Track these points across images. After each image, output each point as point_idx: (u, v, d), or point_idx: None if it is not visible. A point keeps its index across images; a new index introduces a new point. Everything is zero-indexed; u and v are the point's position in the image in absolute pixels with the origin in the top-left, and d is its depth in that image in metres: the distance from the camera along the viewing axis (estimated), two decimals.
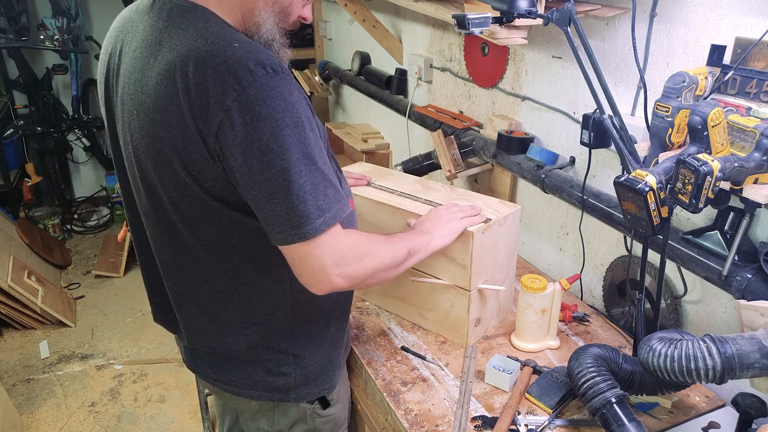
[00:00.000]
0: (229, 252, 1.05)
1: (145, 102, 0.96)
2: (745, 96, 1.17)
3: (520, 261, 1.90)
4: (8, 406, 2.37)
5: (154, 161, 0.99)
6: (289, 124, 0.90)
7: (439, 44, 2.31)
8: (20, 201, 4.19)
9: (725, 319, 1.34)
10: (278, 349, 1.15)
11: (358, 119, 3.30)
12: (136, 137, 1.00)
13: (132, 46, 1.01)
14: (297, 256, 0.97)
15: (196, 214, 1.01)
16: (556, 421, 1.22)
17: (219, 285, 1.09)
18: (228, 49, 0.90)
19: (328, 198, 0.95)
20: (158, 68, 0.93)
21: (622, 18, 1.46)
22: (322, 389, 1.22)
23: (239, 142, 0.89)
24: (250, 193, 0.93)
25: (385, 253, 1.08)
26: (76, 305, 3.45)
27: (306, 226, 0.93)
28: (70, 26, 3.96)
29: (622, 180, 1.04)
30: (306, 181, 0.92)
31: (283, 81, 0.91)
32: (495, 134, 1.89)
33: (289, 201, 0.92)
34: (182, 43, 0.92)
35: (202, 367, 1.21)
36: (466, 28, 1.29)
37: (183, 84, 0.90)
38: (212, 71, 0.88)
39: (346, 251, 1.00)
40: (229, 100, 0.87)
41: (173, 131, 0.93)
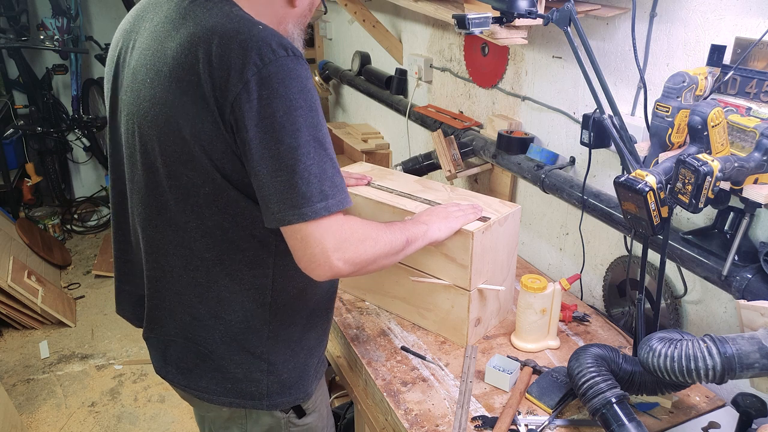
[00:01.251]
0: (218, 237, 1.05)
1: (161, 70, 0.98)
2: (745, 96, 1.17)
3: (520, 261, 1.90)
4: (8, 406, 2.37)
5: (161, 131, 0.99)
6: (303, 106, 0.92)
7: (439, 44, 2.31)
8: (20, 201, 4.19)
9: (725, 319, 1.34)
10: (252, 352, 1.12)
11: (358, 119, 3.30)
12: (145, 106, 1.01)
13: (153, 23, 1.03)
14: (299, 236, 0.96)
15: (194, 190, 1.01)
16: (556, 421, 1.22)
17: (200, 274, 1.08)
18: (253, 28, 0.93)
19: (334, 185, 0.96)
20: (179, 39, 0.96)
21: (622, 18, 1.46)
22: (297, 398, 1.18)
23: (254, 114, 0.91)
24: (256, 167, 0.94)
25: (384, 239, 1.09)
26: (76, 305, 3.45)
27: (305, 207, 0.94)
28: (70, 26, 3.96)
29: (622, 180, 1.04)
30: (313, 163, 0.93)
31: (301, 66, 0.94)
32: (495, 134, 1.89)
33: (293, 180, 0.93)
34: (207, 19, 0.96)
35: (172, 373, 1.19)
36: (466, 28, 1.29)
37: (205, 55, 0.92)
38: (236, 45, 0.91)
39: (348, 235, 1.00)
40: (250, 74, 0.90)
41: (188, 99, 0.95)
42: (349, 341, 1.49)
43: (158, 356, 1.22)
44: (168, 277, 1.11)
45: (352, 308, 1.63)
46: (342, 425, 2.06)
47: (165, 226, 1.07)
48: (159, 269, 1.12)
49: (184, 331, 1.13)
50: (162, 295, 1.13)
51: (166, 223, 1.07)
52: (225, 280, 1.08)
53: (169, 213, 1.05)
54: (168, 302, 1.13)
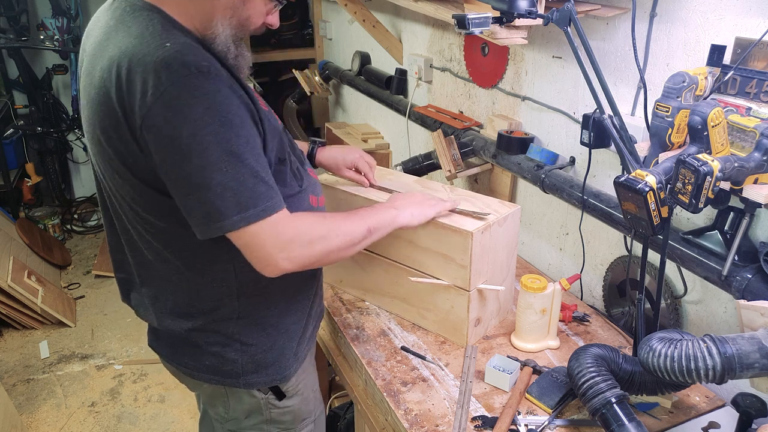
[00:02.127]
0: (173, 238, 1.09)
1: (91, 93, 1.01)
2: (745, 96, 1.17)
3: (520, 261, 1.90)
4: (8, 406, 2.37)
5: (99, 150, 1.05)
6: (210, 122, 0.93)
7: (439, 44, 2.31)
8: (20, 201, 4.19)
9: (725, 319, 1.34)
10: (225, 334, 1.16)
11: (358, 119, 3.30)
12: (88, 127, 1.06)
13: (92, 42, 1.06)
14: (240, 242, 1.01)
15: (136, 198, 1.05)
16: (556, 421, 1.22)
17: (169, 267, 1.13)
18: (159, 49, 0.93)
19: (255, 194, 0.98)
20: (103, 63, 0.99)
21: (622, 18, 1.46)
22: (274, 379, 1.22)
23: (160, 138, 0.93)
24: (171, 188, 0.98)
25: (340, 233, 1.11)
26: (76, 305, 3.45)
27: (223, 220, 0.97)
28: (70, 26, 3.95)
29: (622, 180, 1.04)
30: (228, 179, 0.95)
31: (208, 81, 0.93)
32: (495, 134, 1.89)
33: (207, 196, 0.95)
34: (124, 41, 0.97)
35: (161, 346, 1.25)
36: (466, 28, 1.29)
37: (117, 81, 0.95)
38: (141, 69, 0.93)
39: (292, 236, 1.03)
40: (153, 98, 0.91)
41: (109, 124, 0.98)
42: (349, 341, 1.49)
43: (151, 331, 1.28)
44: (144, 271, 1.18)
45: (352, 308, 1.63)
46: (342, 425, 2.06)
47: (131, 226, 1.12)
48: (138, 264, 1.18)
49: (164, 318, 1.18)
50: (143, 285, 1.20)
51: (131, 224, 1.12)
52: (189, 273, 1.12)
53: (128, 216, 1.11)
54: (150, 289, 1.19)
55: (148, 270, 1.17)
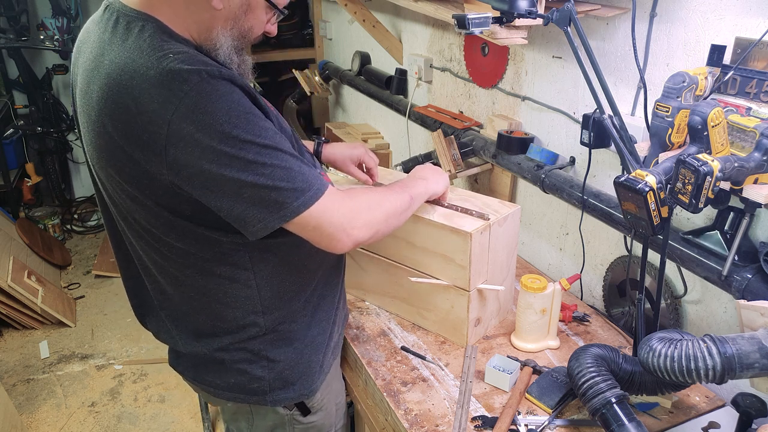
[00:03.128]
0: (189, 260, 1.05)
1: (91, 115, 0.96)
2: (745, 96, 1.17)
3: (520, 261, 1.90)
4: (8, 406, 2.37)
5: (105, 174, 1.00)
6: (237, 122, 0.90)
7: (439, 44, 2.31)
8: (20, 201, 4.19)
9: (725, 319, 1.34)
10: (252, 351, 1.14)
11: (358, 119, 3.30)
12: (90, 149, 1.01)
13: (85, 57, 1.01)
14: (309, 227, 0.97)
15: (151, 222, 1.01)
16: (556, 421, 1.22)
17: (187, 289, 1.09)
18: (162, 60, 0.89)
19: (305, 176, 0.96)
20: (100, 82, 0.93)
21: (622, 18, 1.46)
22: (301, 394, 1.20)
23: (191, 150, 0.89)
24: (216, 197, 0.93)
25: (389, 199, 1.11)
26: (76, 305, 3.45)
27: (283, 209, 0.94)
28: (70, 26, 3.95)
29: (622, 180, 1.04)
30: (275, 169, 0.92)
31: (221, 83, 0.90)
32: (495, 134, 1.89)
33: (261, 192, 0.92)
34: (120, 55, 0.92)
35: (184, 366, 1.23)
36: (466, 28, 1.29)
37: (122, 100, 0.90)
38: (148, 85, 0.88)
39: (354, 205, 1.02)
40: (169, 113, 0.87)
41: (116, 145, 0.93)
42: (349, 341, 1.49)
43: (172, 353, 1.25)
44: (163, 294, 1.13)
45: (352, 308, 1.63)
46: None
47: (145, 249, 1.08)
48: (154, 284, 1.14)
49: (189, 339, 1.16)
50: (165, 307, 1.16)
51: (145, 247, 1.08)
52: (211, 293, 1.09)
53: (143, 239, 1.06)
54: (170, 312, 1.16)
55: (165, 294, 1.13)
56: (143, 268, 1.14)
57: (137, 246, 1.09)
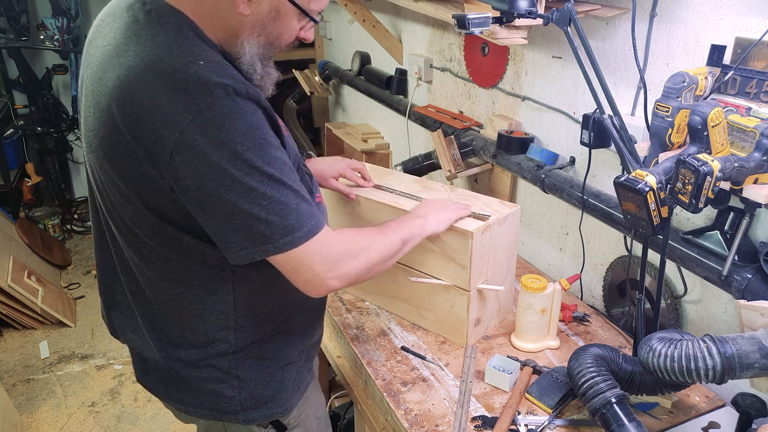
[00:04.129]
0: (170, 266, 1.02)
1: (101, 103, 0.93)
2: (745, 96, 1.17)
3: (520, 261, 1.90)
4: (8, 406, 2.37)
5: (101, 164, 0.97)
6: (250, 147, 0.88)
7: (439, 44, 2.31)
8: (20, 201, 4.19)
9: (725, 319, 1.34)
10: (221, 369, 1.09)
11: (358, 119, 3.30)
12: (90, 136, 0.97)
13: (105, 40, 0.97)
14: (288, 267, 0.96)
15: (137, 222, 0.98)
16: (556, 421, 1.22)
17: (163, 294, 1.05)
18: (191, 65, 0.87)
19: (299, 215, 0.93)
20: (119, 72, 0.90)
21: (622, 18, 1.46)
22: (275, 412, 1.14)
23: (196, 164, 0.87)
24: (207, 214, 0.91)
25: (378, 246, 1.08)
26: (76, 305, 3.45)
27: (266, 244, 0.92)
28: (70, 26, 3.95)
29: (622, 180, 1.04)
30: (271, 202, 0.90)
31: (245, 103, 0.88)
32: (495, 134, 1.89)
33: (250, 222, 0.90)
34: (149, 50, 0.89)
35: (152, 383, 1.18)
36: (466, 28, 1.29)
37: (140, 95, 0.87)
38: (171, 88, 0.86)
39: (339, 254, 0.99)
40: (185, 121, 0.85)
41: (121, 139, 0.90)
42: (349, 341, 1.49)
43: (138, 364, 1.21)
44: (138, 294, 1.09)
45: (352, 308, 1.63)
46: (342, 425, 2.06)
47: (125, 249, 1.05)
48: (132, 283, 1.10)
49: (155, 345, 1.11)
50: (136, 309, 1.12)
51: (125, 246, 1.05)
52: (185, 303, 1.05)
53: (124, 238, 1.03)
54: (140, 318, 1.11)
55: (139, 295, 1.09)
56: (121, 264, 1.09)
57: (120, 242, 1.05)
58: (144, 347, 1.14)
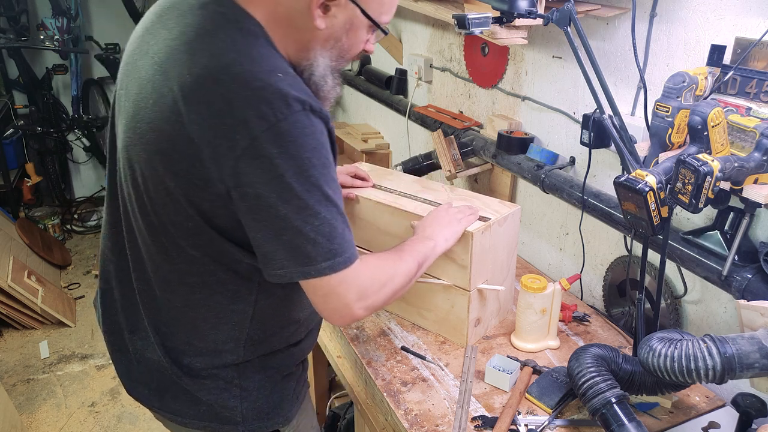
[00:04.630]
0: (199, 268, 1.01)
1: (166, 96, 0.91)
2: (745, 96, 1.17)
3: (520, 261, 1.90)
4: (8, 406, 2.37)
5: (150, 158, 0.94)
6: (316, 164, 0.88)
7: (439, 44, 2.31)
8: (20, 201, 4.19)
9: (725, 319, 1.34)
10: (223, 379, 1.08)
11: (358, 119, 3.30)
12: (142, 127, 0.95)
13: (172, 34, 0.94)
14: (320, 293, 0.95)
15: (177, 222, 0.97)
16: (556, 421, 1.22)
17: (177, 297, 1.04)
18: (271, 75, 0.87)
19: (344, 240, 0.93)
20: (192, 69, 0.89)
21: (622, 18, 1.46)
22: (276, 422, 1.13)
23: (261, 173, 0.86)
24: (258, 225, 0.90)
25: (400, 274, 1.07)
26: (76, 305, 3.45)
27: (308, 266, 0.91)
28: (70, 26, 3.95)
29: (622, 180, 1.04)
30: (322, 223, 0.90)
31: (317, 120, 0.89)
32: (495, 134, 1.89)
33: (298, 241, 0.89)
34: (226, 53, 0.88)
35: (144, 394, 1.14)
36: (466, 28, 1.29)
37: (213, 97, 0.86)
38: (249, 93, 0.85)
39: (369, 284, 0.98)
40: (259, 129, 0.84)
41: (185, 138, 0.89)
42: (349, 341, 1.49)
43: (127, 375, 1.17)
44: (150, 293, 1.08)
45: None
46: (342, 425, 2.06)
47: (149, 246, 1.03)
48: (144, 283, 1.08)
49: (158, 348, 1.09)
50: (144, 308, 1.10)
51: (151, 244, 1.03)
52: (202, 310, 1.04)
53: (154, 236, 1.01)
54: (147, 317, 1.10)
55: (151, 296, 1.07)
56: (135, 262, 1.08)
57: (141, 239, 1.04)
58: (146, 348, 1.12)
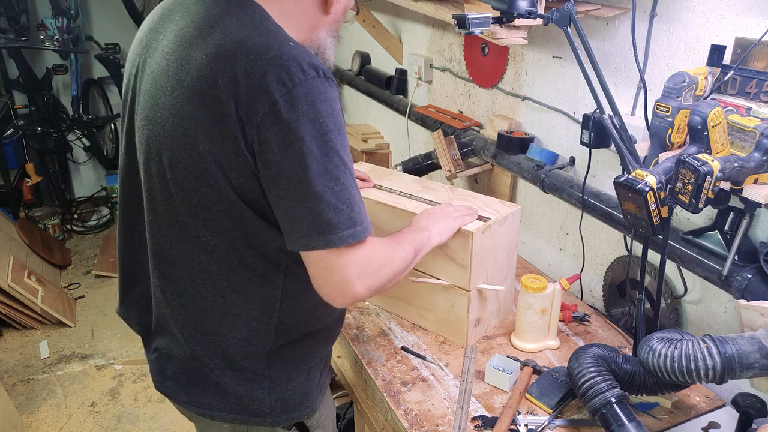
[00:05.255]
0: (229, 253, 1.02)
1: (184, 80, 0.93)
2: (745, 96, 1.17)
3: (520, 261, 1.90)
4: (8, 406, 2.37)
5: (178, 143, 0.96)
6: (332, 129, 0.90)
7: (439, 44, 2.31)
8: (20, 201, 4.19)
9: (725, 319, 1.34)
10: (253, 370, 1.09)
11: (358, 119, 3.30)
12: (163, 114, 0.97)
13: (179, 25, 0.98)
14: (322, 264, 0.94)
15: (207, 206, 0.98)
16: (556, 421, 1.22)
17: (207, 288, 1.05)
18: (284, 45, 0.90)
19: (361, 211, 0.94)
20: (206, 49, 0.92)
21: (622, 18, 1.46)
22: (301, 414, 1.15)
23: (281, 137, 0.88)
24: (281, 192, 0.91)
25: (398, 257, 1.07)
26: (76, 305, 3.45)
27: (332, 234, 0.91)
28: (70, 26, 3.95)
29: (622, 180, 1.04)
30: (342, 189, 0.91)
31: (332, 87, 0.92)
32: (495, 134, 1.89)
33: (320, 207, 0.89)
34: (237, 31, 0.92)
35: (173, 389, 1.15)
36: (466, 28, 1.29)
37: (231, 70, 0.89)
38: (265, 62, 0.88)
39: (370, 261, 0.98)
40: (278, 94, 0.87)
41: (209, 115, 0.91)
42: (349, 341, 1.49)
43: (157, 371, 1.19)
44: (174, 288, 1.08)
45: (352, 308, 1.63)
46: (342, 425, 2.06)
47: (174, 237, 1.04)
48: (165, 279, 1.09)
49: (186, 344, 1.10)
50: (168, 304, 1.10)
51: (176, 234, 1.03)
52: (232, 296, 1.05)
53: (180, 225, 1.02)
54: (173, 313, 1.10)
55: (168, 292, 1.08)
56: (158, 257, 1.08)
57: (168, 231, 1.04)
58: (173, 345, 1.13)
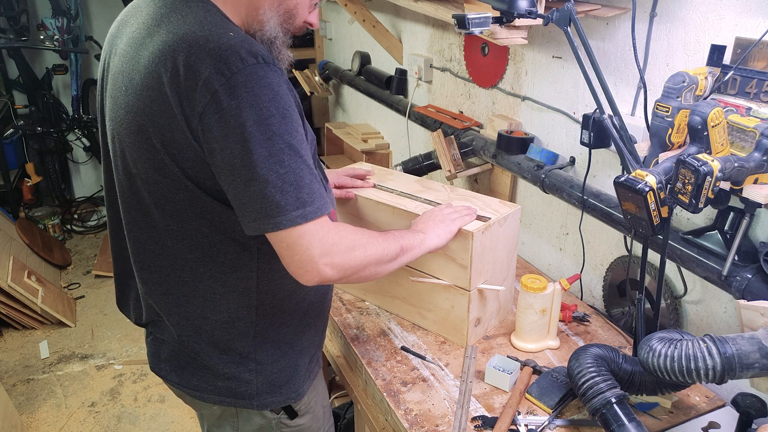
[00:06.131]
0: (199, 240, 1.05)
1: (134, 79, 0.98)
2: (745, 96, 1.17)
3: (520, 261, 1.90)
4: (8, 406, 2.37)
5: (135, 139, 1.00)
6: (275, 114, 0.92)
7: (439, 44, 2.31)
8: (20, 201, 4.19)
9: (725, 319, 1.34)
10: (239, 353, 1.12)
11: (358, 119, 3.30)
12: (121, 113, 1.02)
13: (132, 28, 1.04)
14: (284, 244, 0.97)
15: (170, 196, 1.02)
16: (556, 421, 1.22)
17: (186, 273, 1.09)
18: (223, 36, 0.93)
19: (312, 191, 0.96)
20: (152, 47, 0.96)
21: (622, 18, 1.46)
22: (288, 398, 1.18)
23: (222, 125, 0.91)
24: (228, 178, 0.94)
25: (376, 247, 1.09)
26: (76, 305, 3.45)
27: (280, 216, 0.93)
28: (70, 26, 3.95)
29: (622, 180, 1.04)
30: (288, 171, 0.93)
31: (273, 72, 0.93)
32: (495, 134, 1.89)
33: (266, 190, 0.92)
34: (180, 27, 0.95)
35: (166, 370, 1.20)
36: (466, 28, 1.29)
37: (173, 65, 0.92)
38: (204, 55, 0.91)
39: (335, 240, 1.00)
40: (217, 84, 0.90)
41: (157, 109, 0.95)
42: (349, 341, 1.49)
43: (153, 353, 1.24)
44: (156, 278, 1.12)
45: (352, 308, 1.63)
46: (342, 425, 2.06)
47: (148, 229, 1.08)
48: (146, 269, 1.12)
49: (174, 329, 1.14)
50: (152, 294, 1.14)
51: (149, 226, 1.07)
52: (209, 281, 1.08)
53: (150, 216, 1.06)
54: (158, 301, 1.14)
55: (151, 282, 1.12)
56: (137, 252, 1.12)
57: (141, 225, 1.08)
58: (163, 331, 1.17)
